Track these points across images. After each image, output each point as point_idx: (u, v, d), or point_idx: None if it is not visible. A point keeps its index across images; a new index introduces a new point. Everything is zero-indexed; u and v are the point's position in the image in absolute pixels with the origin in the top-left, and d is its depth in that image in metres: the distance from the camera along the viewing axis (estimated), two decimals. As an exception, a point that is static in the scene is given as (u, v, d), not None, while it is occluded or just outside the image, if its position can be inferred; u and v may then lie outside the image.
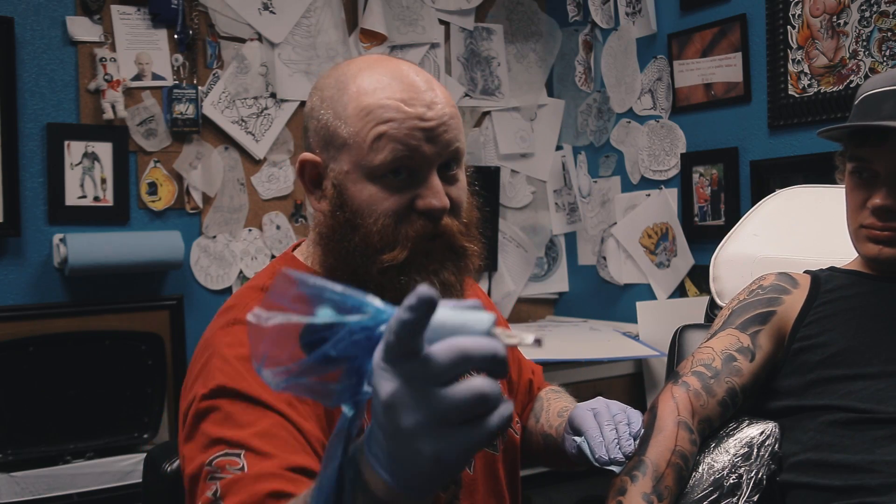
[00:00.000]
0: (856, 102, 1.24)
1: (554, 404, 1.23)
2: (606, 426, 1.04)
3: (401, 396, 0.53)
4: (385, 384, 0.54)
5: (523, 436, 1.21)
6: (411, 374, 0.53)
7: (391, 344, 0.53)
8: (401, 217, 0.92)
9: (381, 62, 0.97)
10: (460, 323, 0.55)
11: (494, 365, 0.53)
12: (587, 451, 1.03)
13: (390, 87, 0.92)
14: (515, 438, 1.14)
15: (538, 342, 0.55)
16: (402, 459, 0.55)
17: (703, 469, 1.08)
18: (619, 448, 1.02)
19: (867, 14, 2.13)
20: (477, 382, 0.52)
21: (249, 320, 0.58)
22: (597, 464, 1.02)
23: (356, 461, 0.59)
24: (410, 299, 0.51)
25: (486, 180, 2.89)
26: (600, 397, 1.10)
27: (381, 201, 0.92)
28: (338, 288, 0.58)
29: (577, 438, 1.06)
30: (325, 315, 0.57)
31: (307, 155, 0.97)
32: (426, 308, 0.51)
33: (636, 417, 1.07)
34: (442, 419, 0.53)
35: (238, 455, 0.83)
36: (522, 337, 0.55)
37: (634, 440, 1.04)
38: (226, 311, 0.98)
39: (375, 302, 0.57)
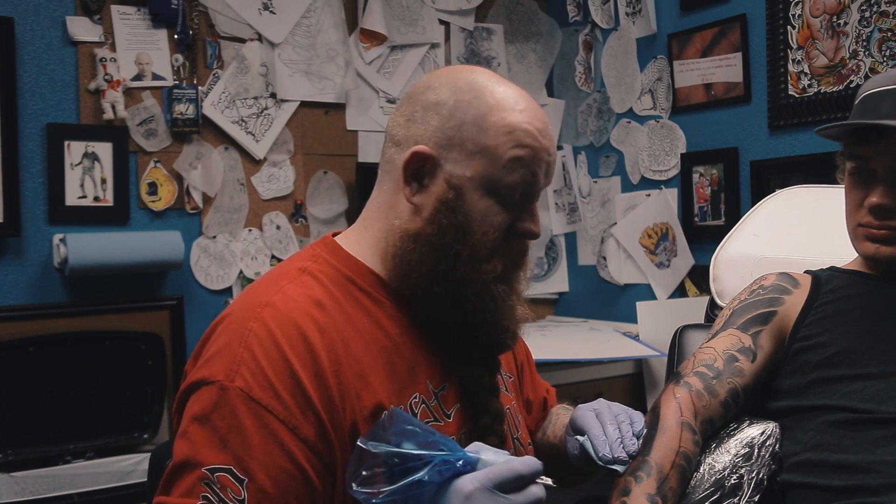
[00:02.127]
0: (856, 102, 1.24)
1: (562, 419, 1.23)
2: (609, 425, 1.03)
3: None
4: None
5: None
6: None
7: (506, 481, 0.83)
8: (506, 234, 0.98)
9: (503, 79, 1.02)
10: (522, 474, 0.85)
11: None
12: (590, 450, 1.02)
13: (528, 111, 0.98)
14: None
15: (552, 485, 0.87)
16: None
17: (705, 469, 1.08)
18: (623, 447, 1.02)
19: (867, 14, 2.13)
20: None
21: (360, 444, 0.83)
22: (600, 462, 1.01)
23: None
24: (528, 465, 0.85)
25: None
26: (602, 399, 1.10)
27: (495, 215, 0.96)
28: (418, 426, 0.84)
29: (579, 437, 1.05)
30: (410, 447, 0.82)
31: (423, 147, 0.95)
32: (536, 475, 0.85)
33: (638, 418, 1.07)
34: None
35: (242, 483, 0.83)
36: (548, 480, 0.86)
37: (638, 439, 1.04)
38: (259, 290, 0.95)
39: (452, 443, 0.84)
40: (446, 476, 0.82)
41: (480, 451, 0.85)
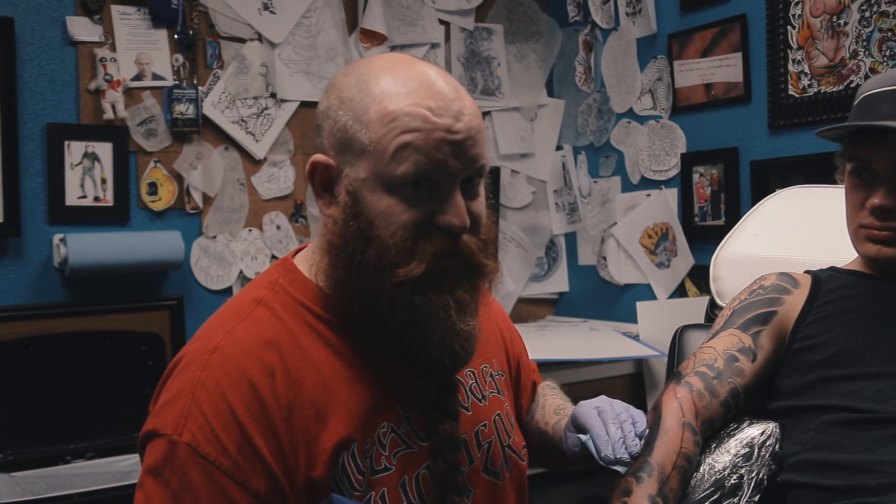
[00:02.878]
0: (855, 103, 1.24)
1: (550, 401, 1.21)
2: (612, 425, 1.02)
3: None
4: None
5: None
6: None
7: None
8: (419, 231, 0.87)
9: (406, 63, 0.90)
10: None
11: None
12: (592, 450, 1.01)
13: (416, 92, 0.86)
14: (522, 466, 1.08)
15: None
16: None
17: (705, 469, 1.08)
18: (625, 448, 1.01)
19: (867, 14, 2.13)
20: None
21: None
22: (602, 463, 1.01)
23: None
24: None
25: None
26: (603, 396, 1.09)
27: (398, 213, 0.86)
28: None
29: (581, 436, 1.04)
30: None
31: (320, 157, 0.91)
32: None
33: (640, 417, 1.06)
34: None
35: None
36: None
37: (640, 440, 1.03)
38: (210, 331, 0.92)
39: None
40: None
41: None
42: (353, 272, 0.88)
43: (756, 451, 1.10)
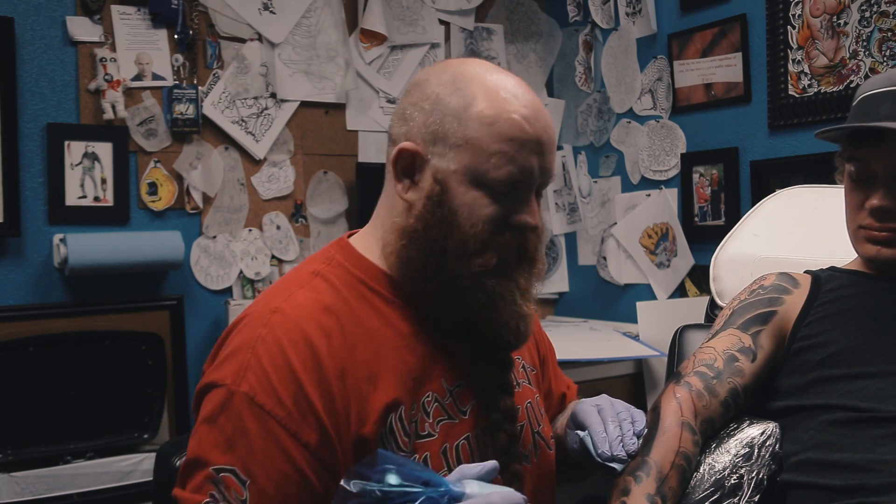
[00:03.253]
0: (854, 103, 1.24)
1: (567, 411, 1.23)
2: (611, 423, 1.04)
3: None
4: None
5: None
6: None
7: None
8: (497, 226, 0.94)
9: (494, 69, 0.98)
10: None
11: None
12: (589, 446, 1.02)
13: (514, 99, 0.94)
14: (549, 454, 1.12)
15: None
16: None
17: (705, 469, 1.08)
18: (623, 446, 1.02)
19: (867, 14, 2.13)
20: None
21: (342, 484, 0.78)
22: (599, 459, 1.01)
23: None
24: (506, 499, 0.80)
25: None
26: (604, 395, 1.10)
27: (482, 207, 0.93)
28: (403, 463, 0.79)
29: (580, 433, 1.05)
30: (393, 481, 0.77)
31: (409, 144, 0.96)
32: None
33: (640, 416, 1.07)
34: None
35: (245, 485, 0.85)
36: None
37: (638, 439, 1.04)
38: (271, 295, 0.98)
39: (437, 477, 0.79)
40: None
41: (466, 484, 0.83)
42: (432, 256, 0.94)
43: (756, 451, 1.10)
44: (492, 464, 0.85)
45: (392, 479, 0.78)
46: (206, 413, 0.90)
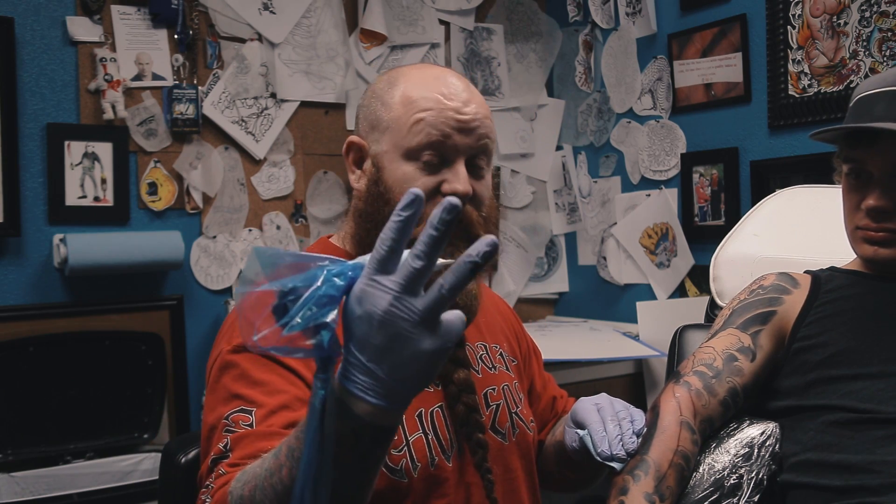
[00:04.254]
0: (851, 104, 1.24)
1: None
2: (610, 421, 1.04)
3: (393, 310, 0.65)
4: (380, 302, 0.65)
5: (540, 454, 1.24)
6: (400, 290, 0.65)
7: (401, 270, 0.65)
8: (428, 196, 0.99)
9: (430, 66, 1.11)
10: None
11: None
12: (589, 445, 1.02)
13: (435, 84, 1.04)
14: (529, 436, 1.15)
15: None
16: (393, 370, 0.65)
17: (704, 469, 1.08)
18: (622, 445, 1.02)
19: (867, 14, 2.13)
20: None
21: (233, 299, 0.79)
22: (598, 458, 1.02)
23: (335, 393, 0.67)
24: (403, 202, 0.65)
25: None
26: (604, 394, 1.10)
27: (412, 179, 1.01)
28: (289, 255, 0.68)
29: (579, 431, 1.06)
30: (291, 281, 0.66)
31: (354, 137, 1.09)
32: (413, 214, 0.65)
33: (639, 416, 1.07)
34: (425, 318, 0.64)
35: (251, 412, 0.93)
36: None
37: (638, 438, 1.04)
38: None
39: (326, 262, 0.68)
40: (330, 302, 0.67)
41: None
42: (373, 231, 1.02)
43: (756, 451, 1.10)
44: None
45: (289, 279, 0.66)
46: (210, 384, 1.00)
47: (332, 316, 0.65)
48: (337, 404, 0.67)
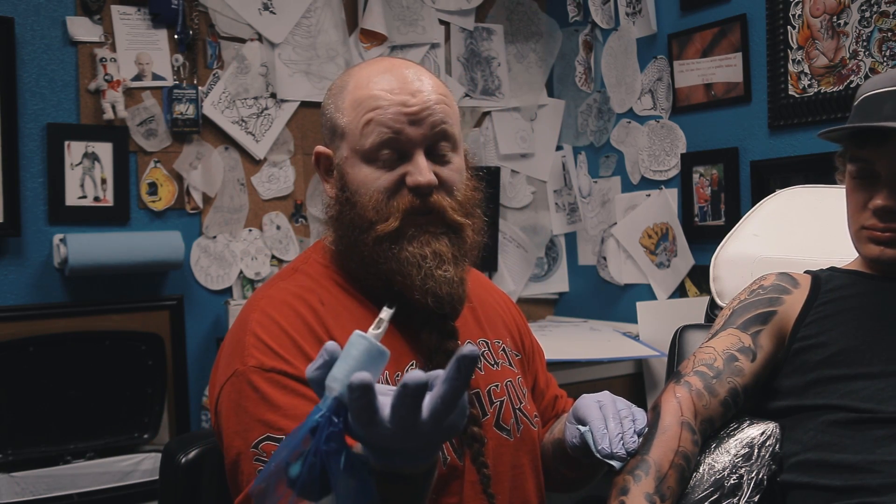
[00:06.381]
0: (855, 103, 1.23)
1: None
2: (612, 420, 1.04)
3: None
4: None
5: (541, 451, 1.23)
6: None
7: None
8: (392, 192, 1.02)
9: (380, 61, 1.09)
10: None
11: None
12: (590, 441, 1.02)
13: (381, 80, 1.03)
14: (533, 431, 1.15)
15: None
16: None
17: (704, 469, 1.08)
18: (623, 443, 1.02)
19: (867, 14, 2.13)
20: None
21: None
22: (598, 455, 1.01)
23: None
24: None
25: (486, 180, 2.89)
26: (607, 392, 1.10)
27: (374, 180, 1.02)
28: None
29: (580, 427, 1.05)
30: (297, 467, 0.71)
31: (320, 147, 1.10)
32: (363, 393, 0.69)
33: (641, 415, 1.07)
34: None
35: (279, 441, 0.92)
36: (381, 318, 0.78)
37: (639, 437, 1.04)
38: (258, 294, 1.08)
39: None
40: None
41: (328, 384, 0.73)
42: (345, 235, 1.05)
43: (756, 451, 1.10)
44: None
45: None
46: (230, 405, 0.97)
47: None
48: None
